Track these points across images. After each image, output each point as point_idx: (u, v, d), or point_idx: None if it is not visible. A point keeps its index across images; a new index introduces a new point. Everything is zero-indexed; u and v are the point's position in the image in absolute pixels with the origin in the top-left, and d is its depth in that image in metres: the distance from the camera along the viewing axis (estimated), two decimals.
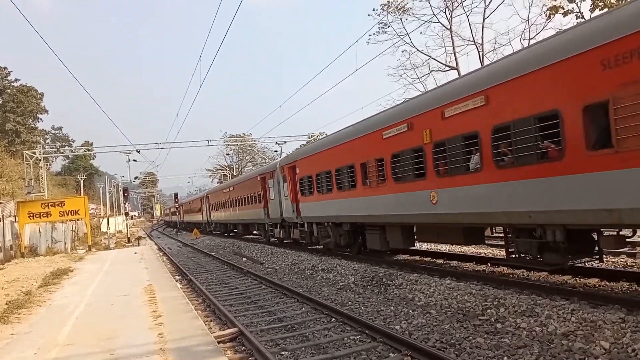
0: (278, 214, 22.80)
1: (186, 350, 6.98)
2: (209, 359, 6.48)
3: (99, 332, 8.62)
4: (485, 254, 14.82)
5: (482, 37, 29.32)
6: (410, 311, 9.30)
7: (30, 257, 27.84)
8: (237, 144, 74.60)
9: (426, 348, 6.70)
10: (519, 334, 7.15)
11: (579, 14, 24.33)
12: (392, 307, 9.80)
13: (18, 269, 20.94)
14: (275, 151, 57.06)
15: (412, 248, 15.44)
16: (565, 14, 24.74)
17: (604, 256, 10.01)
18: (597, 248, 8.89)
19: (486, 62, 28.03)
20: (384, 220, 13.71)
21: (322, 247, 18.99)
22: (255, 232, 31.82)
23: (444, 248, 16.54)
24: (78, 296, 13.00)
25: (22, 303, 11.95)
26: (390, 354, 7.02)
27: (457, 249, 16.10)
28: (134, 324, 9.06)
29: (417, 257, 15.46)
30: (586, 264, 10.31)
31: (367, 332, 8.11)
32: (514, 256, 9.90)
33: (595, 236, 8.70)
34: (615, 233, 8.21)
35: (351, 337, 8.02)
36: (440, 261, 14.34)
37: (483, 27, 29.11)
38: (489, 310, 8.35)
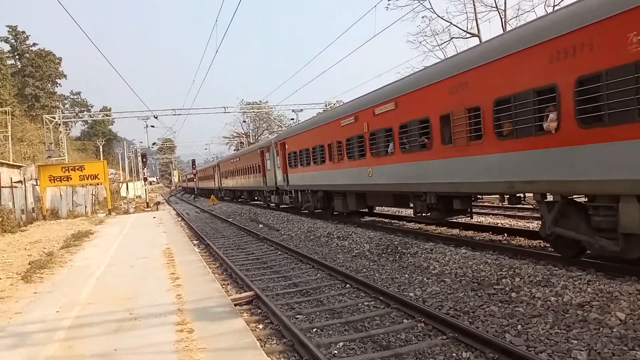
0: (273, 182, 27.00)
1: (204, 311, 7.13)
2: (226, 320, 6.62)
3: (119, 292, 8.84)
4: (502, 224, 14.76)
5: (505, 3, 28.47)
6: (425, 279, 9.34)
7: (51, 219, 28.50)
8: (254, 112, 74.40)
9: (440, 315, 6.75)
10: (533, 303, 7.16)
11: None
12: (406, 275, 9.86)
13: (40, 231, 21.47)
14: (292, 119, 56.92)
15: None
16: None
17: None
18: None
19: (508, 29, 27.29)
20: (343, 188, 17.65)
21: (305, 210, 22.70)
22: (256, 198, 35.25)
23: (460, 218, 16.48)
24: (98, 258, 13.30)
25: (44, 263, 12.27)
26: (404, 320, 7.10)
27: (474, 219, 16.01)
28: (153, 286, 9.27)
29: (433, 227, 15.43)
30: None
31: (381, 298, 8.19)
32: (418, 214, 13.47)
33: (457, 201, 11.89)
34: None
35: (365, 303, 8.11)
36: (456, 231, 14.32)
37: None
38: (504, 280, 8.35)
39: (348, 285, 9.41)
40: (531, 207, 12.65)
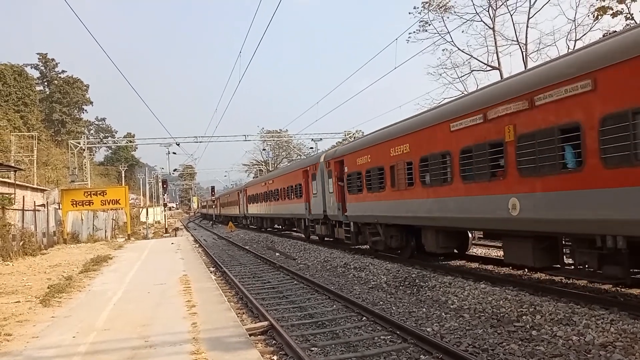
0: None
1: (218, 340, 7.10)
2: (241, 350, 6.57)
3: (135, 319, 8.86)
4: None
5: (526, 37, 28.54)
6: (443, 314, 9.18)
7: (72, 243, 28.88)
8: (274, 140, 75.15)
9: (458, 352, 6.61)
10: (554, 342, 6.97)
11: (628, 15, 23.43)
12: (424, 309, 9.70)
13: (60, 255, 21.74)
14: (311, 148, 57.31)
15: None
16: (614, 15, 23.84)
17: None
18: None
19: (530, 63, 27.34)
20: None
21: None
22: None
23: (479, 252, 16.28)
24: (116, 283, 13.39)
25: (63, 287, 12.40)
26: (421, 356, 6.95)
27: (493, 252, 15.81)
28: (168, 313, 9.27)
29: (451, 261, 15.17)
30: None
31: (398, 332, 8.05)
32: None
33: None
34: None
35: (382, 337, 7.98)
36: (475, 265, 14.10)
37: (527, 26, 28.32)
38: (524, 317, 8.17)
39: (364, 318, 9.29)
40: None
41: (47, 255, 21.73)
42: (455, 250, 14.56)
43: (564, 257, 9.73)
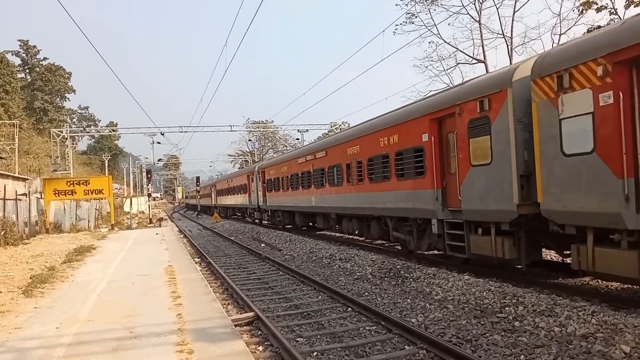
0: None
1: (204, 331, 7.09)
2: (226, 341, 6.57)
3: (120, 309, 8.80)
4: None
5: (512, 31, 28.69)
6: (427, 305, 9.27)
7: (54, 233, 28.53)
8: (260, 131, 74.82)
9: (442, 342, 6.68)
10: (537, 333, 7.08)
11: (612, 10, 23.65)
12: (408, 300, 9.78)
13: (42, 245, 21.48)
14: (297, 139, 57.20)
15: None
16: (598, 10, 24.05)
17: None
18: None
19: (515, 57, 27.51)
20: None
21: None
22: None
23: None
24: (100, 274, 13.28)
25: (45, 278, 12.25)
26: (406, 347, 7.02)
27: None
28: (153, 304, 9.22)
29: (436, 252, 15.27)
30: None
31: (382, 323, 8.12)
32: None
33: None
34: None
35: (367, 328, 8.04)
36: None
37: (513, 20, 28.47)
38: (507, 308, 8.28)
39: (350, 308, 9.34)
40: None
41: (29, 245, 21.44)
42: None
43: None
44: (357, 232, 18.02)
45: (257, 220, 35.06)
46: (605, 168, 7.49)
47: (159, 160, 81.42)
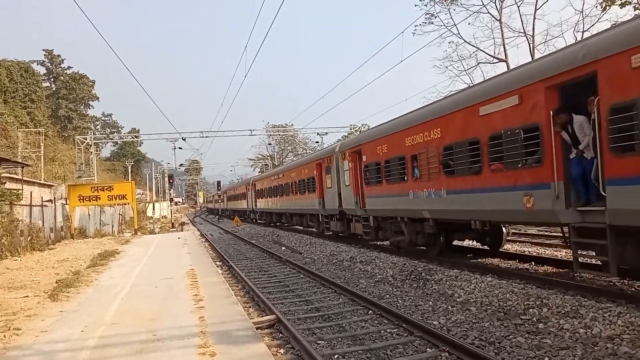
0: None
1: (226, 334, 7.14)
2: (248, 343, 6.61)
3: (143, 313, 8.91)
4: (529, 252, 14.46)
5: (533, 29, 28.36)
6: (449, 307, 9.19)
7: (79, 238, 29.05)
8: (279, 134, 75.18)
9: (465, 345, 6.61)
10: (561, 335, 6.96)
11: (637, 5, 23.19)
12: (430, 302, 9.71)
13: (68, 250, 21.88)
14: (317, 142, 57.27)
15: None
16: (622, 5, 23.64)
17: None
18: None
19: (537, 55, 27.14)
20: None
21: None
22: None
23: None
24: (124, 278, 13.46)
25: (71, 282, 12.46)
26: (428, 349, 6.97)
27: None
28: (176, 307, 9.32)
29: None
30: None
31: (404, 325, 8.07)
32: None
33: None
34: None
35: (388, 330, 8.00)
36: (481, 258, 14.07)
37: (534, 18, 28.14)
38: (531, 310, 8.16)
39: (371, 311, 9.31)
40: (560, 235, 12.35)
41: (55, 250, 21.87)
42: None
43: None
44: None
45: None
46: (352, 192, 18.72)
47: (181, 165, 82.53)
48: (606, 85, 7.78)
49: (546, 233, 18.09)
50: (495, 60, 30.20)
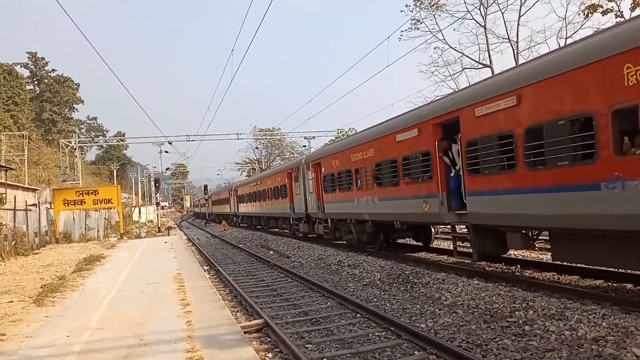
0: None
1: (213, 338, 7.11)
2: (236, 348, 6.59)
3: (130, 318, 8.84)
4: (514, 255, 14.59)
5: (517, 35, 28.72)
6: (437, 310, 9.24)
7: (64, 243, 28.72)
8: (267, 138, 75.12)
9: (452, 347, 6.66)
10: (547, 337, 7.04)
11: (618, 13, 23.59)
12: (418, 305, 9.76)
13: (52, 254, 21.62)
14: (304, 146, 57.38)
15: (438, 247, 16.83)
16: (604, 13, 24.00)
17: None
18: None
19: (521, 61, 27.48)
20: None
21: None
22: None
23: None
24: (110, 282, 13.35)
25: (56, 287, 12.34)
26: (415, 352, 7.01)
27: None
28: (163, 311, 9.26)
29: (445, 257, 15.38)
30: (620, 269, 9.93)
31: (392, 329, 8.10)
32: None
33: None
34: None
35: (376, 334, 8.02)
36: (468, 261, 14.17)
37: (518, 24, 28.51)
38: (517, 312, 8.24)
39: (358, 314, 9.33)
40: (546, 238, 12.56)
41: (40, 255, 21.60)
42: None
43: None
44: None
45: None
46: (315, 198, 21.43)
47: (167, 169, 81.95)
48: (464, 127, 11.07)
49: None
50: (480, 66, 30.53)
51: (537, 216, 9.14)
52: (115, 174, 78.73)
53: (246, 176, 77.99)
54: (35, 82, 77.70)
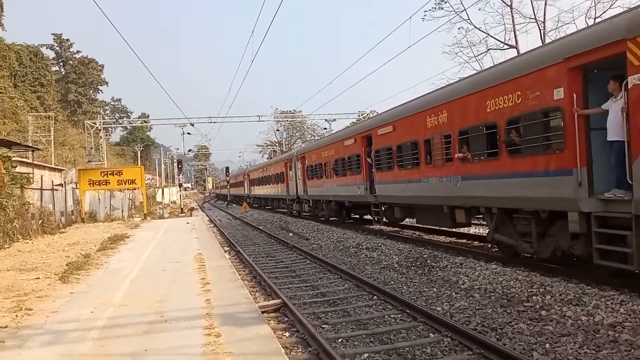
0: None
1: (231, 316, 7.27)
2: (253, 326, 6.73)
3: (151, 295, 9.08)
4: None
5: (545, 15, 27.96)
6: (453, 294, 9.27)
7: (89, 222, 29.38)
8: (287, 120, 75.10)
9: (467, 330, 6.70)
10: (563, 322, 7.02)
11: None
12: (434, 289, 9.80)
13: (78, 233, 22.17)
14: (325, 128, 57.21)
15: (456, 230, 16.55)
16: None
17: None
18: None
19: (547, 40, 26.83)
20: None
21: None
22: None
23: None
24: (133, 261, 13.67)
25: (81, 265, 12.68)
26: (430, 334, 7.06)
27: None
28: (183, 290, 9.48)
29: (464, 240, 15.37)
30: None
31: (408, 311, 8.17)
32: None
33: None
34: None
35: (392, 316, 8.10)
36: (487, 245, 14.10)
37: (546, 4, 27.72)
38: (534, 297, 8.22)
39: (375, 297, 9.41)
40: None
41: (66, 233, 22.17)
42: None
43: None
44: None
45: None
46: (302, 183, 28.66)
47: (189, 150, 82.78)
48: (374, 140, 17.79)
49: None
50: (506, 47, 29.86)
51: (401, 197, 15.93)
52: (139, 155, 79.85)
53: (267, 158, 78.30)
54: (61, 64, 78.76)
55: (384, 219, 18.44)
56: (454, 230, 16.02)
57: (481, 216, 12.59)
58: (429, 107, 13.35)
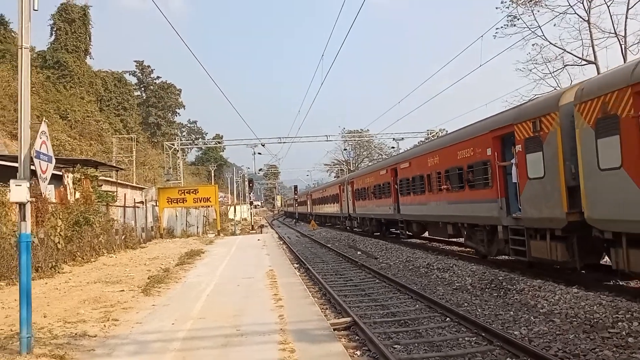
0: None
1: (304, 332, 7.40)
2: (326, 343, 6.82)
3: (227, 309, 9.40)
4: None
5: (625, 29, 26.55)
6: (532, 318, 8.90)
7: (167, 238, 30.82)
8: (355, 140, 75.39)
9: (547, 356, 6.43)
10: None
11: None
12: (511, 312, 9.45)
13: (157, 248, 23.31)
14: (392, 147, 56.91)
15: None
16: None
17: None
18: None
19: (629, 56, 25.47)
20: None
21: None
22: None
23: None
24: (209, 276, 14.19)
25: (161, 279, 13.34)
26: (508, 359, 6.84)
27: None
28: (257, 305, 9.75)
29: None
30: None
31: (483, 334, 7.94)
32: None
33: None
34: None
35: (466, 338, 7.90)
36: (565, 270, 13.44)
37: (627, 17, 26.34)
38: (620, 323, 7.75)
39: (448, 318, 9.22)
40: None
41: (146, 248, 23.37)
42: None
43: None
44: None
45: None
46: (352, 203, 34.93)
47: (260, 169, 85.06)
48: (398, 173, 22.87)
49: None
50: (584, 63, 28.58)
51: (416, 215, 20.49)
52: (213, 174, 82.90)
53: (335, 177, 78.79)
54: (142, 89, 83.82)
55: (407, 232, 23.29)
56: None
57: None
58: (429, 151, 18.92)
